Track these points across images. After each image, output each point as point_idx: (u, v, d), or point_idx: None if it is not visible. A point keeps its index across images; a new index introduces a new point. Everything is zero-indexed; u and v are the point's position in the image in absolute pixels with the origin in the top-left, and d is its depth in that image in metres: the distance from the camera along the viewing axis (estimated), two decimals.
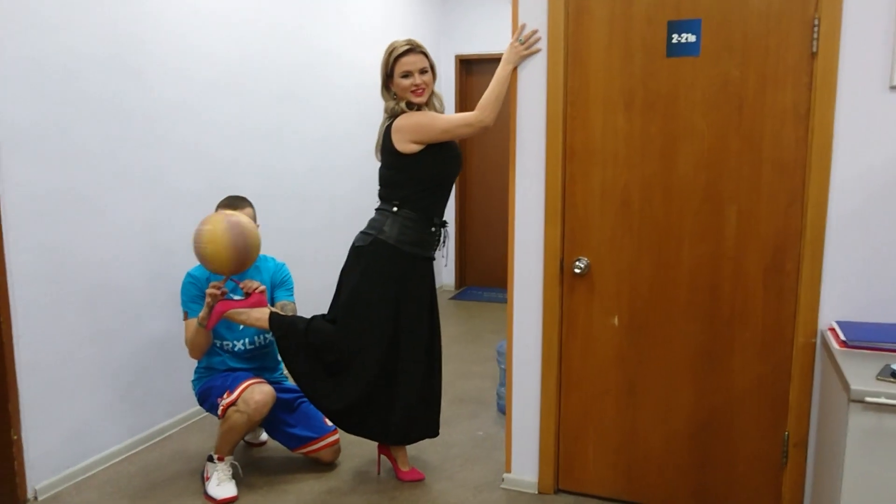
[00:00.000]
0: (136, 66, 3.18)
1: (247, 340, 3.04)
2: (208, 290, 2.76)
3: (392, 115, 2.71)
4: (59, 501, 2.81)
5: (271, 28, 4.10)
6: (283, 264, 3.17)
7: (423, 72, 2.67)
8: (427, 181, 2.69)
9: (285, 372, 3.24)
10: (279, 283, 3.11)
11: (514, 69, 2.67)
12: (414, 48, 2.66)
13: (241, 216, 2.72)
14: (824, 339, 2.34)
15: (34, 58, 2.71)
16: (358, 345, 2.73)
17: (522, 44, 2.63)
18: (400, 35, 5.61)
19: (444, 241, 2.85)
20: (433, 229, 2.76)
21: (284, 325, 2.79)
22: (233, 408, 2.80)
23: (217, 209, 2.97)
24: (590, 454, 2.80)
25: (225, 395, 2.84)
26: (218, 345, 3.02)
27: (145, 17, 3.22)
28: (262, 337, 3.09)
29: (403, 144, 2.64)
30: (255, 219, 3.03)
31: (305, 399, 3.09)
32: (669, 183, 2.56)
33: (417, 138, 2.63)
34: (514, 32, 2.67)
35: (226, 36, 3.74)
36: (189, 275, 2.97)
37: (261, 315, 2.81)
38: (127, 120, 3.15)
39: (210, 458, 2.91)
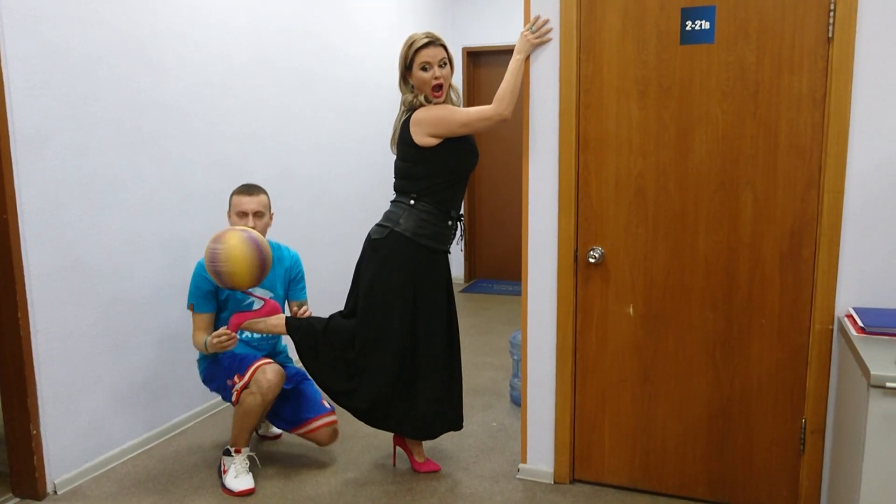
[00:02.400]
0: (151, 60, 3.19)
1: None
2: (214, 341, 2.77)
3: (410, 108, 2.70)
4: (79, 495, 2.83)
5: (284, 23, 4.10)
6: (297, 256, 3.18)
7: (442, 64, 2.66)
8: (444, 174, 2.69)
9: (290, 354, 3.25)
10: (295, 279, 3.12)
11: (527, 59, 2.66)
12: (434, 41, 2.65)
13: (252, 231, 2.72)
14: (841, 325, 2.33)
15: (49, 51, 2.72)
16: (378, 337, 2.73)
17: (534, 33, 2.62)
18: (408, 28, 5.63)
19: (461, 235, 2.85)
20: (450, 223, 2.76)
21: (302, 329, 2.80)
22: (246, 391, 2.81)
23: (231, 196, 2.97)
24: (606, 444, 2.80)
25: (236, 380, 2.84)
26: None
27: (161, 12, 3.23)
28: None
29: (422, 137, 2.64)
30: (269, 206, 3.03)
31: (306, 378, 3.11)
32: (684, 170, 2.55)
33: (436, 132, 2.63)
34: (525, 22, 2.66)
35: (240, 30, 3.74)
36: (200, 265, 2.96)
37: (278, 322, 2.83)
38: (141, 114, 3.16)
39: (227, 452, 2.92)
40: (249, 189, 2.97)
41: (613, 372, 2.74)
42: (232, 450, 2.89)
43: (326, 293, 4.61)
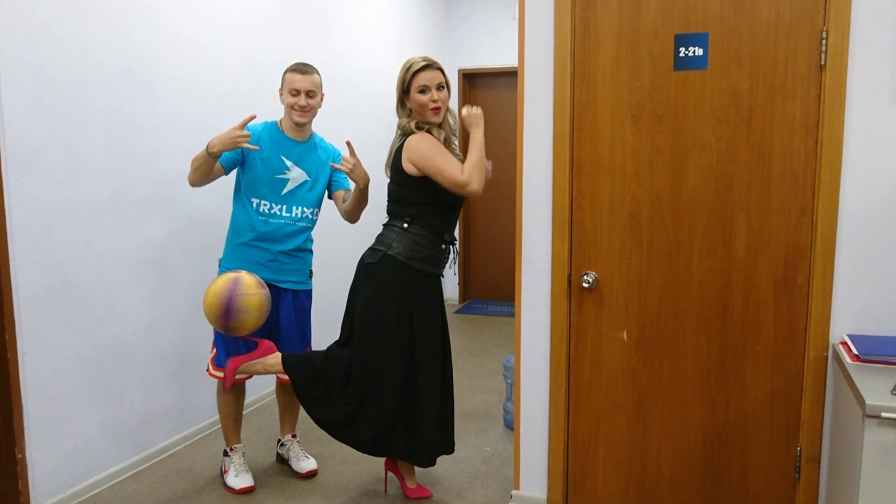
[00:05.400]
0: (146, 79, 3.19)
1: (300, 210, 3.02)
2: (234, 133, 2.74)
3: (404, 133, 2.70)
4: None
5: (279, 48, 4.11)
6: (339, 152, 3.18)
7: (439, 88, 2.66)
8: (435, 201, 2.68)
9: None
10: (337, 170, 3.13)
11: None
12: (431, 64, 2.66)
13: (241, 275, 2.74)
14: (836, 352, 2.32)
15: (42, 73, 2.71)
16: (377, 364, 2.70)
17: (472, 109, 2.67)
18: (404, 53, 5.66)
19: (454, 259, 2.83)
20: (443, 246, 2.75)
21: (300, 366, 2.78)
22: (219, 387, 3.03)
23: (285, 74, 2.96)
24: (600, 470, 2.77)
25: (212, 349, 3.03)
26: (254, 205, 2.97)
27: (155, 31, 3.23)
28: (311, 211, 3.07)
29: (408, 164, 2.64)
30: (321, 86, 3.02)
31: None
32: (678, 196, 2.54)
33: (418, 165, 2.62)
34: (520, 46, 2.66)
35: (234, 55, 3.75)
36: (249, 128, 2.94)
37: (274, 361, 2.81)
38: (135, 134, 3.15)
39: (225, 453, 3.10)
40: (303, 68, 2.95)
41: (607, 397, 2.72)
42: (227, 449, 3.08)
43: (319, 317, 4.57)
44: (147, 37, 3.19)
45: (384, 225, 2.77)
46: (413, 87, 2.66)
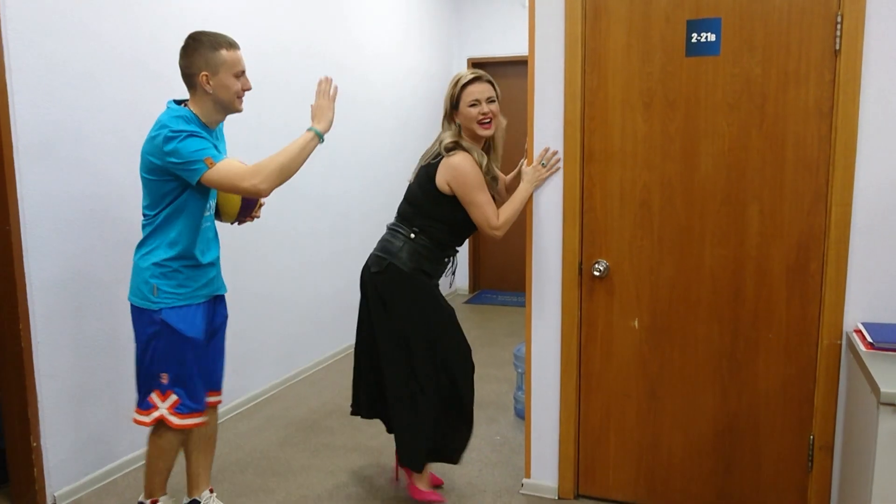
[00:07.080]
0: (155, 68, 3.18)
1: (213, 202, 2.51)
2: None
3: (446, 150, 2.60)
4: None
5: (287, 38, 4.10)
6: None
7: (489, 101, 2.60)
8: (452, 220, 2.64)
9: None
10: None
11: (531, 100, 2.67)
12: (480, 77, 2.62)
13: None
14: (850, 340, 2.30)
15: (54, 63, 2.72)
16: (408, 373, 2.65)
17: (545, 167, 2.63)
18: (412, 42, 5.64)
19: (453, 270, 2.83)
20: (446, 259, 2.74)
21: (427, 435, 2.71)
22: (170, 431, 2.40)
23: (220, 51, 2.50)
24: (611, 459, 2.77)
25: (162, 383, 2.35)
26: (205, 215, 2.44)
27: (167, 22, 3.23)
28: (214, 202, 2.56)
29: (443, 184, 2.58)
30: None
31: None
32: (690, 183, 2.53)
33: (452, 186, 2.58)
34: (530, 36, 2.65)
35: (242, 46, 3.73)
36: (180, 122, 2.36)
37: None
38: (145, 124, 3.13)
39: None
40: (236, 43, 2.49)
41: (618, 386, 2.72)
42: (147, 502, 2.51)
43: (328, 311, 4.59)
44: (156, 26, 3.18)
45: (390, 228, 2.72)
46: (462, 101, 2.60)
